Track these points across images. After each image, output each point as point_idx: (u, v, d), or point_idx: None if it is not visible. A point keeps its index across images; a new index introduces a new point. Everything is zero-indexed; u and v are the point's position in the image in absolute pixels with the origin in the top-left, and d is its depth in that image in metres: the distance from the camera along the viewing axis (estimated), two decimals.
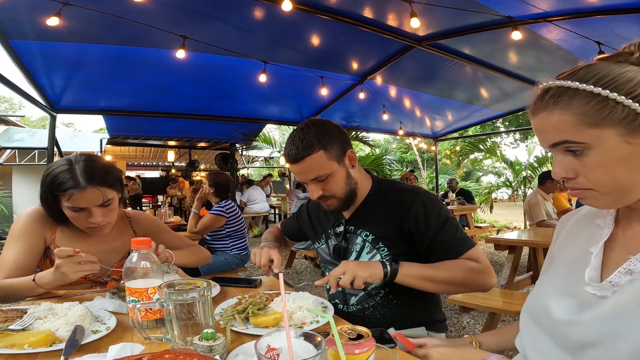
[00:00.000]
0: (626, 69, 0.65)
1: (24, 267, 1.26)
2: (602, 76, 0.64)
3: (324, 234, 1.43)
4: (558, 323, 0.71)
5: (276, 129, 16.49)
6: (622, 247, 0.72)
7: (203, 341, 0.76)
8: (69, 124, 28.10)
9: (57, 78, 4.23)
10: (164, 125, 6.40)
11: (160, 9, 3.18)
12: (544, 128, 0.69)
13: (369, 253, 1.27)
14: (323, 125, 1.23)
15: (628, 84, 0.63)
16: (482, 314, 3.34)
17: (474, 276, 1.15)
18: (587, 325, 0.66)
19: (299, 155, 1.18)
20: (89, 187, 1.24)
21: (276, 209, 10.48)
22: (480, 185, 14.41)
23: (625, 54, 0.68)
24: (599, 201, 0.69)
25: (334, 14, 3.44)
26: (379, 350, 0.65)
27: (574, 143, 0.65)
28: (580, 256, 0.77)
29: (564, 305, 0.72)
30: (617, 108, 0.62)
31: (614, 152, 0.63)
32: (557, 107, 0.66)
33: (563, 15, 3.21)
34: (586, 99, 0.64)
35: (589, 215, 0.83)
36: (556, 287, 0.76)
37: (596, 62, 0.69)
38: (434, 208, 1.22)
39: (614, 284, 0.67)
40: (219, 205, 3.45)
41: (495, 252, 5.94)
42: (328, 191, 1.23)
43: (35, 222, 1.34)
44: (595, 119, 0.63)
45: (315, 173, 1.20)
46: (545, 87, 0.69)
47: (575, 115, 0.64)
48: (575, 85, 0.65)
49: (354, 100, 5.41)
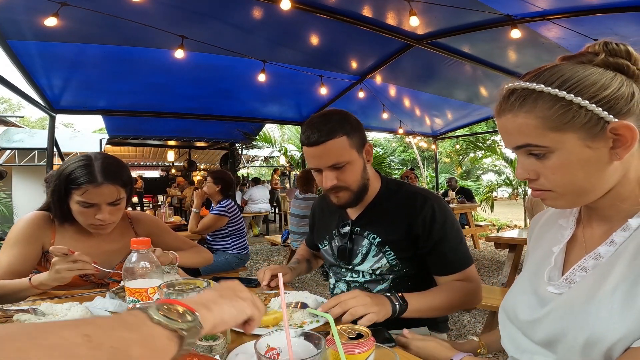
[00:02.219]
0: (590, 71, 0.64)
1: (17, 273, 1.26)
2: (567, 79, 0.64)
3: (327, 235, 1.40)
4: (525, 322, 0.74)
5: (276, 128, 16.49)
6: (581, 246, 0.74)
7: (203, 341, 0.76)
8: (68, 124, 28.10)
9: (56, 78, 4.23)
10: (163, 125, 6.40)
11: (159, 9, 3.18)
12: (508, 130, 0.69)
13: (375, 256, 1.25)
14: (345, 114, 1.22)
15: (592, 87, 0.62)
16: (482, 313, 3.35)
17: (469, 299, 1.19)
18: (546, 322, 0.69)
19: (321, 137, 1.14)
20: (105, 183, 1.27)
21: (276, 208, 10.48)
22: (480, 183, 14.41)
23: (589, 54, 0.68)
24: (557, 202, 0.70)
25: (332, 13, 3.44)
26: (379, 350, 0.65)
27: (536, 147, 0.66)
28: (544, 256, 0.79)
29: (528, 304, 0.74)
30: (580, 112, 0.62)
31: (574, 155, 0.64)
32: (522, 109, 0.66)
33: (562, 14, 3.21)
34: (550, 103, 0.64)
35: (554, 216, 0.85)
36: (523, 287, 0.79)
37: (561, 63, 0.69)
38: (442, 216, 1.20)
39: (569, 281, 0.70)
40: (221, 204, 3.44)
41: (495, 250, 5.94)
42: (343, 181, 1.19)
43: (34, 228, 1.34)
44: (558, 123, 0.63)
45: (335, 159, 1.16)
46: (510, 88, 0.69)
47: (538, 119, 0.64)
48: (540, 88, 0.64)
49: (354, 100, 5.40)
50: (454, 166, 13.01)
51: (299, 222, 4.18)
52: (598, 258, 0.68)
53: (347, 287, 1.32)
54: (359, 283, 1.29)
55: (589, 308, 0.63)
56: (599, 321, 0.61)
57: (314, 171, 1.24)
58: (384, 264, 1.23)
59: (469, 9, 3.22)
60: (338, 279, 1.37)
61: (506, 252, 3.71)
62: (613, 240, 0.67)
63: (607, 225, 0.71)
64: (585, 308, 0.63)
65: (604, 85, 0.62)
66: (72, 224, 1.38)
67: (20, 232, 1.32)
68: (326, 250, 1.41)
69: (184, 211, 9.35)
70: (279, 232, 8.87)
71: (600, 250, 0.68)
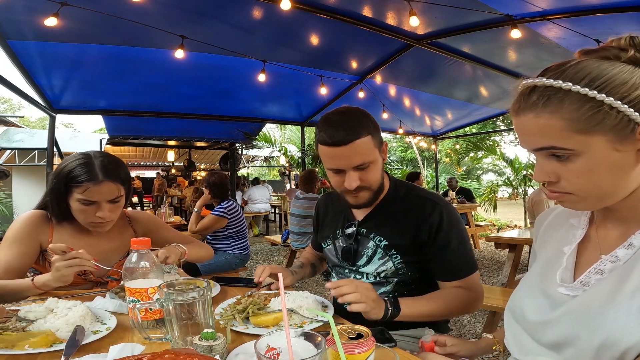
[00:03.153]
0: (619, 68, 0.59)
1: (15, 271, 1.27)
2: (595, 77, 0.59)
3: (331, 234, 1.37)
4: (533, 323, 0.71)
5: (276, 128, 16.48)
6: (594, 246, 0.71)
7: (203, 341, 0.76)
8: (68, 124, 28.07)
9: (56, 78, 4.24)
10: (163, 125, 6.41)
11: (159, 9, 3.18)
12: (529, 131, 0.64)
13: (381, 259, 1.22)
14: (365, 112, 1.17)
15: (623, 87, 0.58)
16: (483, 313, 3.35)
17: (467, 308, 1.18)
18: (558, 324, 0.67)
19: (347, 137, 1.09)
20: (105, 180, 1.28)
21: (276, 208, 10.47)
22: (480, 183, 14.41)
23: (613, 49, 0.63)
24: (577, 205, 0.67)
25: (332, 13, 3.44)
26: (379, 350, 0.65)
27: (561, 149, 0.61)
28: (555, 256, 0.76)
29: (538, 305, 0.72)
30: (610, 114, 0.58)
31: (601, 159, 0.60)
32: (546, 109, 0.61)
33: (562, 14, 3.21)
34: (578, 103, 0.59)
35: (564, 214, 0.83)
36: (531, 287, 0.77)
37: (584, 59, 0.63)
38: (449, 223, 1.18)
39: (584, 284, 0.67)
40: (221, 206, 3.43)
41: (495, 250, 5.94)
42: (365, 181, 1.16)
43: (31, 226, 1.34)
44: (586, 125, 0.59)
45: (362, 159, 1.12)
46: (531, 84, 0.64)
47: (565, 120, 0.60)
48: (567, 87, 0.59)
49: (354, 100, 5.40)
50: (454, 166, 13.00)
51: (300, 222, 4.18)
52: (616, 261, 0.65)
53: None
54: None
55: (607, 311, 0.61)
56: (616, 325, 0.59)
57: (333, 172, 1.18)
58: (389, 267, 1.21)
59: (469, 9, 3.22)
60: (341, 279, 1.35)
61: (506, 252, 3.70)
62: (632, 243, 0.65)
63: (624, 226, 0.68)
64: (602, 311, 0.61)
65: (635, 84, 0.58)
66: (70, 223, 1.38)
67: (18, 230, 1.33)
68: (330, 249, 1.38)
69: (184, 211, 9.36)
70: (279, 232, 8.87)
71: (619, 253, 0.65)
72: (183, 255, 1.36)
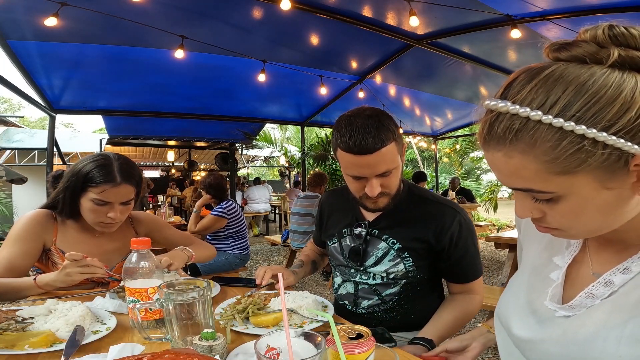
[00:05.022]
0: (602, 80, 0.46)
1: (17, 269, 1.27)
2: (572, 99, 0.47)
3: (336, 232, 1.33)
4: (519, 339, 0.68)
5: (276, 128, 16.48)
6: (586, 264, 0.66)
7: (203, 341, 0.76)
8: (68, 124, 28.05)
9: (56, 78, 4.23)
10: (163, 125, 6.40)
11: (159, 9, 3.18)
12: (500, 170, 0.54)
13: (392, 261, 1.20)
14: (388, 114, 1.10)
15: (608, 110, 0.45)
16: (482, 313, 3.35)
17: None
18: (543, 344, 0.63)
19: (376, 145, 1.02)
20: (123, 183, 1.31)
21: (276, 208, 10.47)
22: (480, 183, 14.40)
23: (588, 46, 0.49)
24: (569, 237, 0.64)
25: (332, 13, 3.44)
26: (379, 350, 0.65)
27: (540, 192, 0.52)
28: (543, 265, 0.71)
29: (524, 321, 0.68)
30: (595, 149, 0.46)
31: (589, 200, 0.51)
32: (516, 149, 0.50)
33: (562, 14, 3.21)
34: (554, 139, 0.47)
35: None
36: (518, 297, 0.71)
37: (556, 65, 0.50)
38: (467, 230, 1.20)
39: (574, 307, 0.63)
40: (220, 206, 3.43)
41: (495, 250, 5.93)
42: (386, 187, 1.12)
43: (36, 225, 1.35)
44: (566, 167, 0.48)
45: (387, 166, 1.07)
46: (494, 111, 0.52)
47: (540, 162, 0.49)
48: (536, 117, 0.47)
49: (354, 99, 5.40)
50: (454, 166, 13.00)
51: (301, 221, 4.18)
52: (609, 285, 0.59)
53: (354, 288, 1.28)
54: (368, 285, 1.25)
55: (597, 338, 0.56)
56: (604, 354, 0.55)
57: (353, 179, 1.12)
58: (400, 269, 1.20)
59: (469, 9, 3.22)
60: (346, 279, 1.32)
61: (506, 252, 3.70)
62: (628, 268, 0.58)
63: (619, 246, 0.61)
64: (592, 338, 0.57)
65: (625, 103, 0.45)
66: (75, 222, 1.40)
67: (22, 228, 1.33)
68: (335, 247, 1.34)
69: (184, 211, 9.35)
70: (279, 232, 8.87)
71: (615, 279, 0.59)
72: (190, 260, 1.38)
